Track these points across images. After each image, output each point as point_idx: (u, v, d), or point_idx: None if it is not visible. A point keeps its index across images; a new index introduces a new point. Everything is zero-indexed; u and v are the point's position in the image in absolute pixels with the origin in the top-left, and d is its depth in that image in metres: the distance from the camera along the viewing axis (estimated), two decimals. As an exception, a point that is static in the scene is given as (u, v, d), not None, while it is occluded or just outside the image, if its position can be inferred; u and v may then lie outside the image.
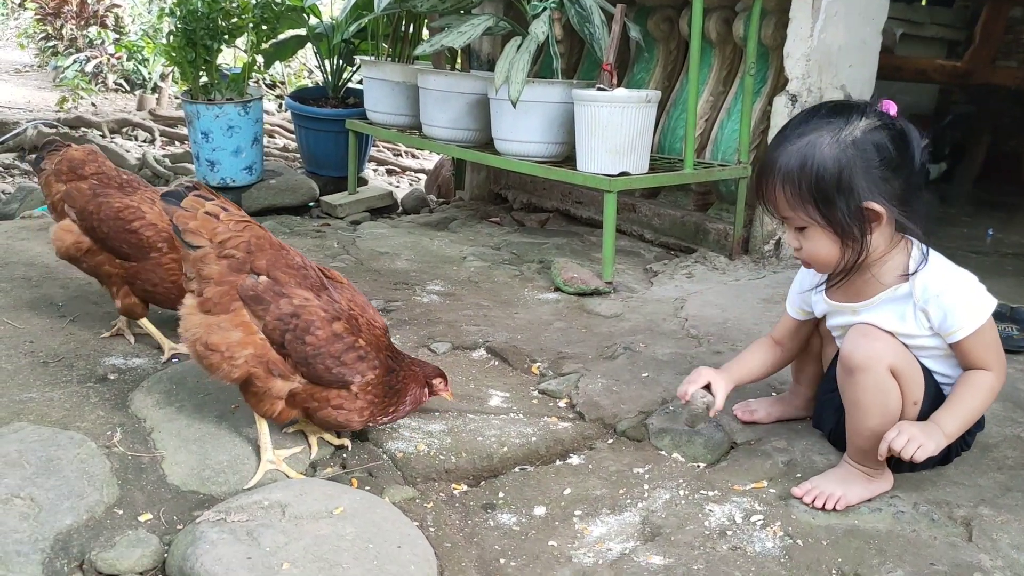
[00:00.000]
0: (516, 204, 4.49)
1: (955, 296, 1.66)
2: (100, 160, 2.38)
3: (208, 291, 1.75)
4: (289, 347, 1.74)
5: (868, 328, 1.70)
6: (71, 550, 1.53)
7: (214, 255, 1.74)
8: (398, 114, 4.04)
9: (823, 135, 1.61)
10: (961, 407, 1.68)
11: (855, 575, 1.54)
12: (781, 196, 1.66)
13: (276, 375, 1.76)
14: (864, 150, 1.60)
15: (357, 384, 1.79)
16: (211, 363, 1.75)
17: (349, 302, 1.84)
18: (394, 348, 1.90)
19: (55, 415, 1.95)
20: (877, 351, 1.66)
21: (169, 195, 1.79)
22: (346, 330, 1.78)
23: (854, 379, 1.68)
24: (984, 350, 1.67)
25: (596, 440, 2.02)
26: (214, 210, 1.76)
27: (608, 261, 3.08)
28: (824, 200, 1.61)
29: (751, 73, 3.33)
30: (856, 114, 1.63)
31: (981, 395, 1.68)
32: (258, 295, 1.75)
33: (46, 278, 2.86)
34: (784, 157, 1.64)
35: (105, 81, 9.09)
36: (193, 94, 4.21)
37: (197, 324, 1.75)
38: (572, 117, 3.20)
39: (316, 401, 1.79)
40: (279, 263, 1.79)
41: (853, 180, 1.60)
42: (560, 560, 1.58)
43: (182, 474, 1.78)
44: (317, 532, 1.51)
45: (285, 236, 3.68)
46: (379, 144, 6.96)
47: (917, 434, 1.62)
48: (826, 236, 1.66)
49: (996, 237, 4.19)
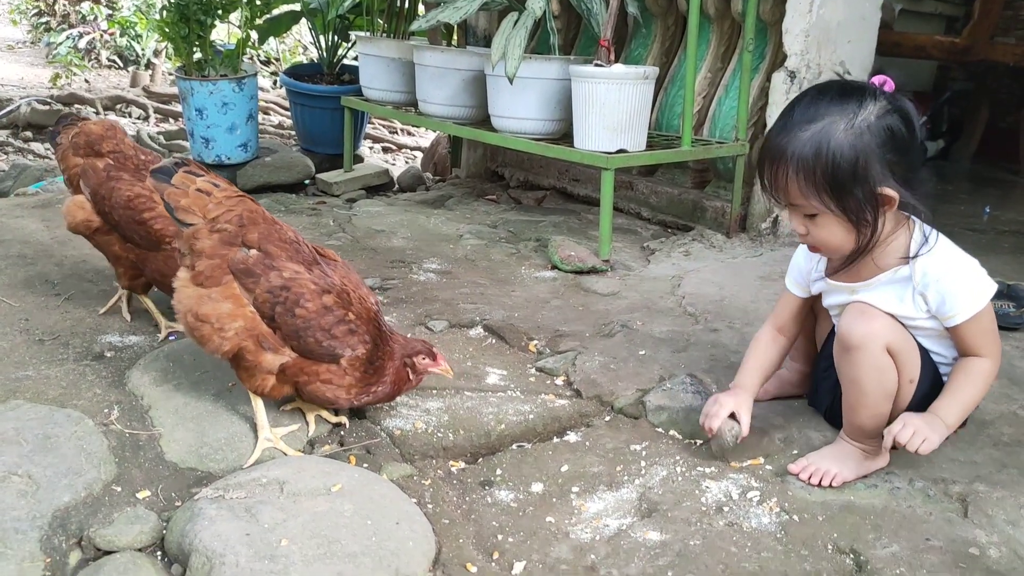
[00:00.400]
0: (513, 182, 4.48)
1: (954, 281, 1.65)
2: (119, 137, 2.33)
3: (200, 264, 1.75)
4: (279, 320, 1.74)
5: (865, 307, 1.70)
6: (69, 527, 1.53)
7: (206, 229, 1.75)
8: (394, 91, 4.01)
9: (837, 121, 1.58)
10: (960, 396, 1.68)
11: (851, 550, 1.55)
12: (793, 184, 1.62)
13: (266, 349, 1.75)
14: (879, 136, 1.58)
15: (347, 358, 1.78)
16: (202, 335, 1.75)
17: (342, 278, 1.83)
18: (382, 326, 1.86)
19: (52, 393, 1.95)
20: (874, 330, 1.66)
21: (158, 171, 1.79)
22: (336, 303, 1.77)
23: (851, 357, 1.68)
24: (981, 336, 1.67)
25: (593, 417, 2.03)
26: (205, 187, 1.77)
27: (605, 239, 3.08)
28: (839, 188, 1.59)
29: (749, 49, 3.31)
30: (868, 97, 1.60)
31: (979, 383, 1.68)
32: (248, 268, 1.75)
33: (41, 256, 2.85)
34: (796, 144, 1.60)
35: (98, 57, 9.02)
36: (187, 70, 4.17)
37: (189, 296, 1.76)
38: (569, 94, 3.18)
39: (306, 375, 1.78)
40: (271, 237, 1.79)
41: (869, 167, 1.58)
42: (557, 536, 1.59)
43: (180, 451, 1.78)
44: (315, 509, 1.51)
45: (280, 214, 3.67)
46: (375, 122, 6.92)
47: (922, 427, 1.62)
48: (838, 223, 1.64)
49: (993, 214, 4.19)
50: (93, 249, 2.85)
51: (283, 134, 6.17)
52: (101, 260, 2.80)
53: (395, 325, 2.46)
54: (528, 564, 1.51)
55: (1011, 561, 1.52)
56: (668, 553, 1.53)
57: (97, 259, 2.81)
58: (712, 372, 2.18)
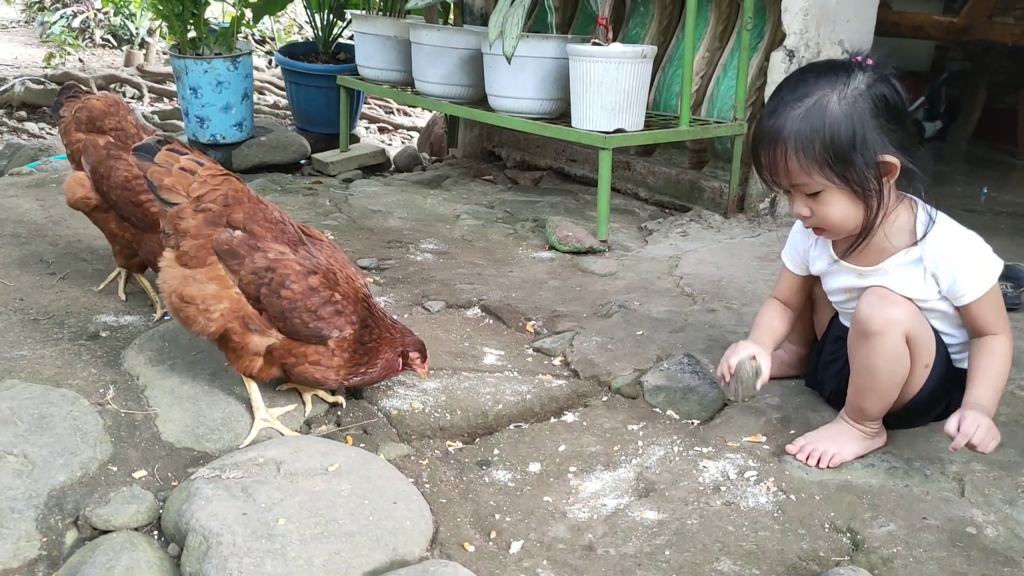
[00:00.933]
0: (510, 162, 4.46)
1: (964, 259, 1.65)
2: (121, 114, 2.29)
3: (185, 244, 1.74)
4: (265, 301, 1.73)
5: (885, 292, 1.67)
6: (65, 506, 1.53)
7: (190, 209, 1.73)
8: (390, 70, 3.98)
9: (828, 94, 1.58)
10: (992, 381, 1.66)
11: (848, 529, 1.55)
12: (793, 163, 1.60)
13: (253, 330, 1.74)
14: (872, 103, 1.57)
15: (334, 339, 1.77)
16: (187, 316, 1.74)
17: (328, 258, 1.81)
18: (373, 307, 1.85)
19: (47, 372, 1.94)
20: (896, 317, 1.64)
21: (141, 149, 1.76)
22: (323, 284, 1.75)
23: (868, 343, 1.66)
24: (992, 313, 1.67)
25: (591, 398, 2.02)
26: (189, 165, 1.74)
27: (603, 219, 3.06)
28: (840, 159, 1.58)
29: (748, 28, 3.28)
30: (855, 69, 1.60)
31: (1004, 362, 1.68)
32: (233, 249, 1.73)
33: (35, 235, 2.83)
34: (790, 123, 1.59)
35: (92, 37, 8.96)
36: (181, 49, 4.14)
37: (174, 277, 1.75)
38: (567, 73, 3.16)
39: (294, 357, 1.77)
40: (256, 217, 1.77)
41: (867, 135, 1.57)
42: (555, 515, 1.59)
43: (176, 431, 1.78)
44: (312, 488, 1.51)
45: (276, 194, 3.65)
46: (370, 101, 6.88)
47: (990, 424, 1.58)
48: (843, 197, 1.62)
49: (990, 195, 4.18)
50: (88, 228, 2.84)
51: (278, 114, 6.14)
52: (96, 240, 2.79)
53: (392, 305, 2.45)
54: (525, 543, 1.51)
55: (1008, 540, 1.52)
56: (665, 532, 1.53)
57: (92, 238, 2.80)
58: (709, 352, 2.18)
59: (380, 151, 4.54)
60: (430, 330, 2.30)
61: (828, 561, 1.47)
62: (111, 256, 2.40)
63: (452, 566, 1.35)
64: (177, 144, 1.78)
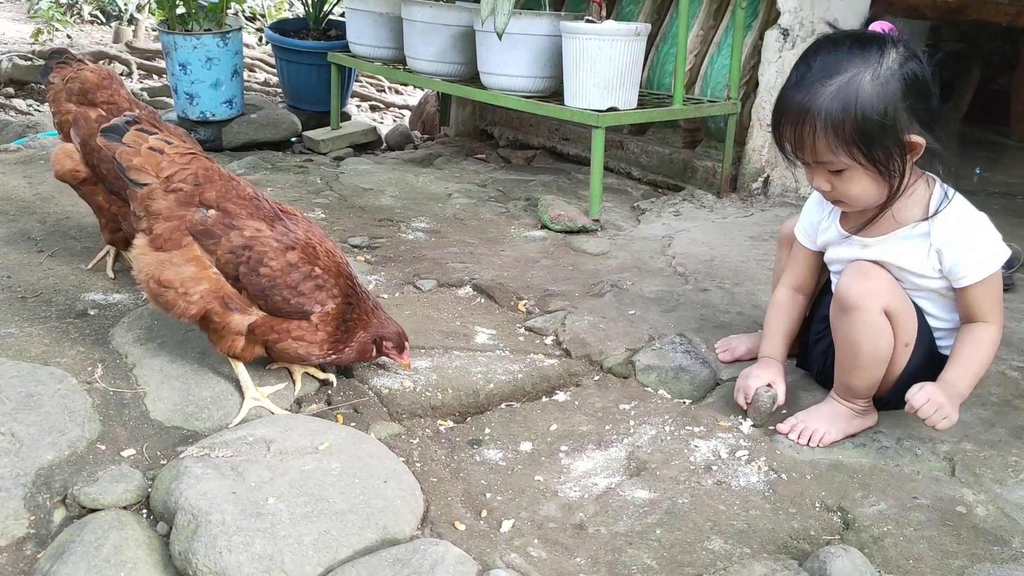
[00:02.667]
0: (502, 141, 4.43)
1: (971, 241, 1.64)
2: (115, 87, 2.25)
3: (158, 227, 1.70)
4: (244, 280, 1.71)
5: (866, 266, 1.68)
6: (53, 485, 1.52)
7: (161, 190, 1.70)
8: (382, 47, 3.94)
9: (862, 72, 1.54)
10: (971, 364, 1.66)
11: (839, 508, 1.55)
12: (821, 141, 1.58)
13: (233, 310, 1.73)
14: (904, 83, 1.54)
15: (317, 314, 1.75)
16: (167, 300, 1.71)
17: (307, 232, 1.79)
18: (356, 285, 1.83)
19: (35, 351, 1.92)
20: (873, 290, 1.65)
21: (109, 130, 1.72)
22: (302, 259, 1.73)
23: (848, 317, 1.67)
24: (989, 300, 1.66)
25: (582, 377, 2.02)
26: (158, 144, 1.71)
27: (595, 198, 3.05)
28: (868, 140, 1.55)
29: (742, 6, 3.26)
30: (888, 45, 1.56)
31: (987, 350, 1.67)
32: (208, 229, 1.70)
33: (23, 212, 2.81)
34: (821, 100, 1.55)
35: (80, 13, 8.86)
36: (170, 24, 4.09)
37: (149, 263, 1.71)
38: (560, 51, 3.13)
39: (276, 333, 1.75)
40: (229, 195, 1.74)
41: (897, 115, 1.55)
42: (546, 494, 1.58)
43: (165, 410, 1.76)
44: (303, 467, 1.50)
45: (267, 172, 3.62)
46: (362, 79, 6.83)
47: (944, 402, 1.59)
48: (867, 175, 1.60)
49: (983, 176, 4.18)
50: (76, 206, 2.82)
51: (268, 91, 6.09)
52: (84, 217, 2.76)
53: (384, 284, 2.44)
54: (517, 522, 1.50)
55: (997, 519, 1.53)
56: (657, 511, 1.53)
57: (80, 216, 2.78)
58: (702, 332, 2.17)
59: (371, 129, 4.51)
60: (421, 309, 2.29)
61: (819, 540, 1.48)
62: (99, 233, 2.37)
63: (443, 544, 1.35)
64: (147, 124, 1.74)
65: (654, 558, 1.42)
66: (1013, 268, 2.67)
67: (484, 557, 1.40)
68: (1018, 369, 2.05)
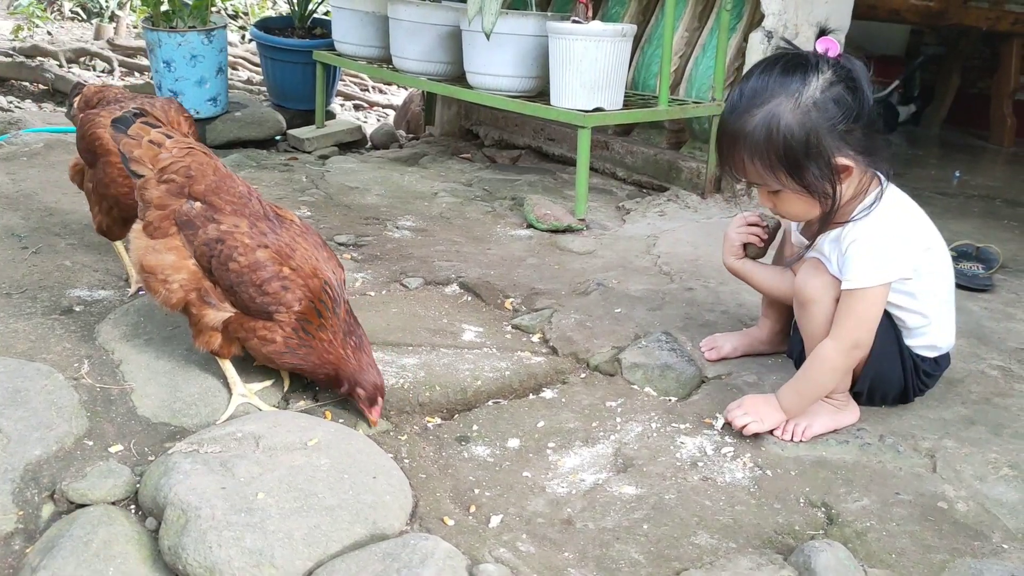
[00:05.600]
0: (487, 140, 4.44)
1: (862, 250, 1.66)
2: (108, 92, 2.34)
3: (150, 215, 1.76)
4: (216, 273, 1.72)
5: (818, 262, 1.75)
6: (41, 480, 1.52)
7: (155, 180, 1.76)
8: (367, 46, 3.94)
9: (782, 102, 1.59)
10: (800, 382, 1.74)
11: (822, 504, 1.57)
12: (751, 167, 1.65)
13: (209, 304, 1.74)
14: (826, 109, 1.59)
15: (280, 316, 1.73)
16: (150, 286, 1.76)
17: (295, 237, 1.78)
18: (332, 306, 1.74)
19: (20, 347, 1.91)
20: (824, 283, 1.72)
21: (118, 121, 1.80)
22: (272, 259, 1.72)
23: (807, 311, 1.75)
24: (846, 314, 1.68)
25: (569, 374, 2.03)
26: (158, 138, 1.77)
27: (581, 198, 3.06)
28: (794, 166, 1.61)
29: (727, 8, 3.28)
30: (811, 71, 1.60)
31: (821, 369, 1.71)
32: (190, 220, 1.74)
33: (6, 209, 2.79)
34: (747, 128, 1.62)
35: (61, 9, 8.78)
36: (154, 21, 4.07)
37: (139, 247, 1.77)
38: (546, 51, 3.14)
39: (245, 331, 1.75)
40: (218, 189, 1.77)
41: (820, 141, 1.59)
42: (534, 490, 1.59)
43: (152, 406, 1.76)
44: (292, 463, 1.50)
45: (252, 170, 3.61)
46: (346, 79, 6.82)
47: (753, 411, 1.72)
48: (799, 198, 1.66)
49: (963, 179, 4.23)
50: (59, 202, 2.82)
51: (252, 90, 6.05)
52: (68, 214, 2.75)
53: (370, 282, 2.44)
54: (505, 517, 1.51)
55: (978, 515, 1.55)
56: (643, 507, 1.55)
57: (64, 212, 2.77)
58: (687, 330, 2.19)
59: (357, 128, 4.51)
60: (408, 306, 2.30)
61: (803, 535, 1.50)
62: (82, 230, 2.37)
63: (432, 540, 1.35)
64: (151, 117, 1.81)
65: (641, 552, 1.43)
66: (992, 269, 2.71)
67: (473, 552, 1.41)
68: (997, 368, 2.08)
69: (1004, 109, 5.18)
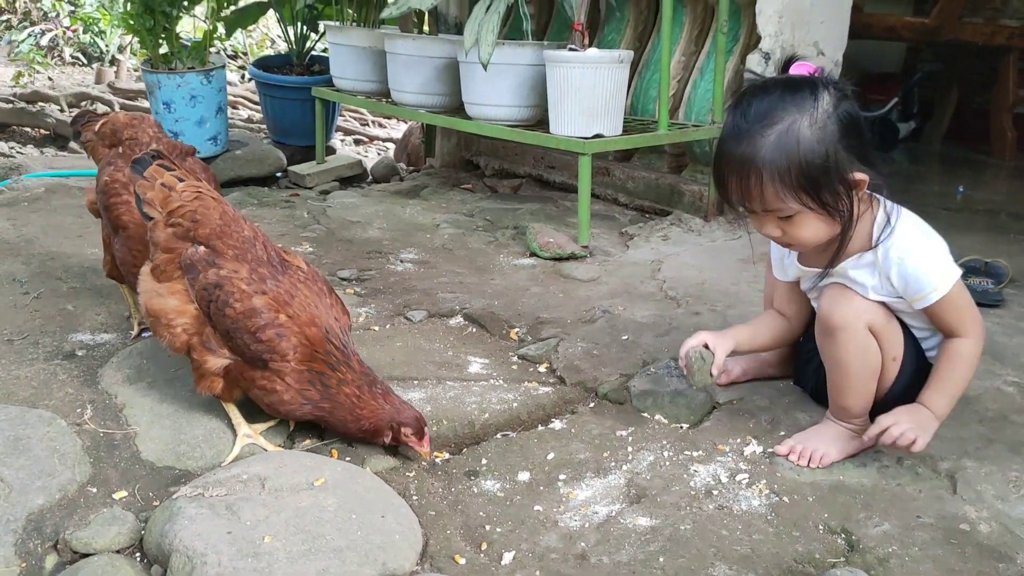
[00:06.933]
0: (488, 170, 4.44)
1: (916, 262, 1.63)
2: (143, 126, 2.26)
3: (157, 258, 1.77)
4: (214, 318, 1.71)
5: (844, 288, 1.69)
6: (44, 530, 1.49)
7: (162, 223, 1.76)
8: (365, 80, 3.95)
9: (798, 118, 1.55)
10: (947, 386, 1.67)
11: (842, 530, 1.54)
12: (769, 190, 1.57)
13: (210, 350, 1.72)
14: (841, 123, 1.56)
15: (275, 365, 1.69)
16: (156, 329, 1.76)
17: (297, 284, 1.75)
18: (344, 353, 1.73)
19: (22, 393, 1.89)
20: (855, 309, 1.66)
21: (137, 162, 1.81)
22: (268, 306, 1.69)
23: (834, 339, 1.68)
24: (956, 313, 1.65)
25: (578, 404, 2.00)
26: (170, 181, 1.78)
27: (584, 225, 3.05)
28: (815, 185, 1.56)
29: (724, 31, 3.29)
30: (820, 88, 1.57)
31: (964, 368, 1.67)
32: (192, 264, 1.74)
33: (7, 254, 2.78)
34: (763, 150, 1.55)
35: (61, 55, 8.86)
36: (153, 63, 4.09)
37: (146, 290, 1.78)
38: (544, 79, 3.15)
39: (245, 380, 1.73)
40: (222, 234, 1.76)
41: (838, 157, 1.56)
42: (546, 524, 1.56)
43: (156, 450, 1.74)
44: (298, 504, 1.48)
45: (253, 207, 3.61)
46: (345, 114, 6.85)
47: (912, 425, 1.61)
48: (817, 218, 1.61)
49: (966, 194, 4.21)
50: (60, 247, 2.80)
51: (252, 128, 6.08)
52: (69, 258, 2.75)
53: (374, 316, 2.42)
54: (517, 554, 1.48)
55: (1002, 536, 1.52)
56: (659, 538, 1.51)
57: (65, 256, 2.76)
58: (696, 355, 2.16)
59: (357, 162, 4.51)
60: (413, 340, 2.28)
61: (824, 563, 1.46)
62: (84, 274, 2.35)
63: (444, 579, 1.32)
64: (168, 160, 1.82)
65: (658, 586, 1.40)
66: (1001, 284, 2.69)
67: (486, 591, 1.38)
68: (1013, 384, 2.04)
69: (1004, 123, 5.16)
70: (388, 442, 1.74)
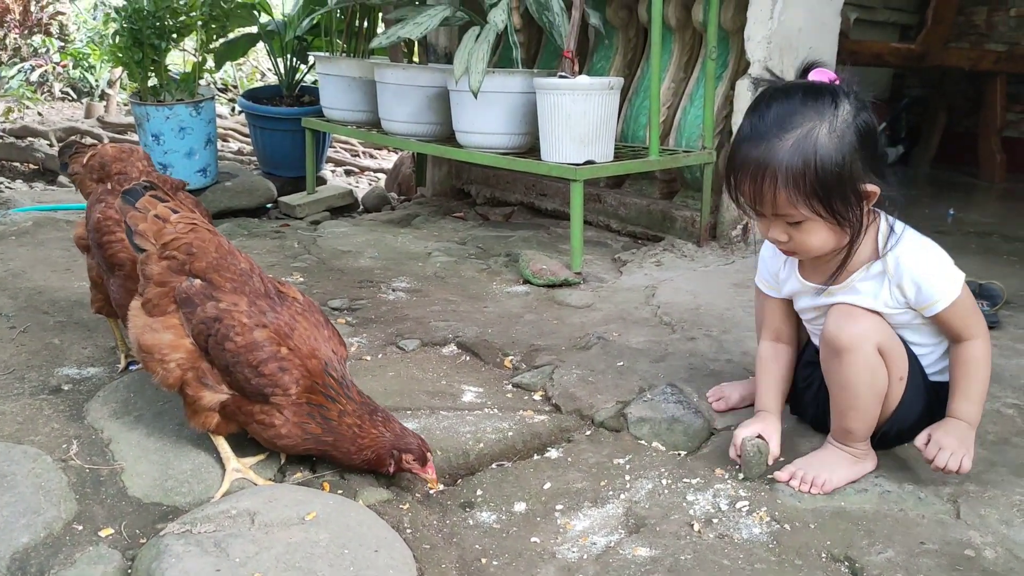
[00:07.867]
0: (479, 199, 4.43)
1: (927, 269, 1.63)
2: (132, 160, 2.20)
3: (149, 292, 1.71)
4: (212, 353, 1.67)
5: (851, 308, 1.67)
6: (29, 569, 1.44)
7: (156, 256, 1.71)
8: (356, 110, 3.95)
9: (817, 125, 1.53)
10: (973, 391, 1.66)
11: (845, 558, 1.50)
12: (782, 195, 1.56)
13: (206, 385, 1.68)
14: (859, 134, 1.55)
15: (276, 399, 1.66)
16: (148, 365, 1.71)
17: (294, 315, 1.72)
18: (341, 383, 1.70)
19: (7, 429, 1.85)
20: (863, 330, 1.64)
21: (128, 193, 1.76)
22: (270, 339, 1.66)
23: (841, 360, 1.65)
24: (965, 317, 1.66)
25: (574, 432, 1.97)
26: (164, 213, 1.73)
27: (576, 251, 3.03)
28: (828, 192, 1.55)
29: (712, 57, 3.30)
30: (840, 96, 1.56)
31: (982, 369, 1.67)
32: (189, 297, 1.69)
33: (-6, 289, 2.75)
34: (780, 154, 1.54)
35: (51, 90, 8.86)
36: (142, 96, 4.08)
37: (137, 325, 1.72)
38: (534, 107, 3.15)
39: (243, 415, 1.70)
40: (219, 267, 1.72)
41: (854, 167, 1.55)
42: (544, 557, 1.53)
43: (144, 485, 1.70)
44: (289, 539, 1.44)
45: (243, 238, 3.59)
46: (336, 145, 6.85)
47: (956, 445, 1.61)
48: (825, 226, 1.59)
49: (957, 217, 4.22)
50: (47, 281, 2.77)
51: (243, 160, 6.08)
52: (56, 292, 2.71)
53: (366, 346, 2.39)
54: (515, 587, 1.44)
55: (1007, 561, 1.49)
56: (659, 569, 1.48)
57: (53, 291, 2.72)
58: (692, 381, 2.14)
59: (348, 192, 4.50)
60: (406, 369, 2.24)
61: (828, 591, 1.43)
62: (71, 308, 2.31)
63: (439, 615, 1.29)
64: (161, 191, 1.77)
65: (660, 619, 1.36)
66: (996, 305, 2.68)
67: (483, 626, 1.34)
68: (1013, 407, 2.02)
69: (992, 146, 5.20)
70: (392, 471, 1.71)
